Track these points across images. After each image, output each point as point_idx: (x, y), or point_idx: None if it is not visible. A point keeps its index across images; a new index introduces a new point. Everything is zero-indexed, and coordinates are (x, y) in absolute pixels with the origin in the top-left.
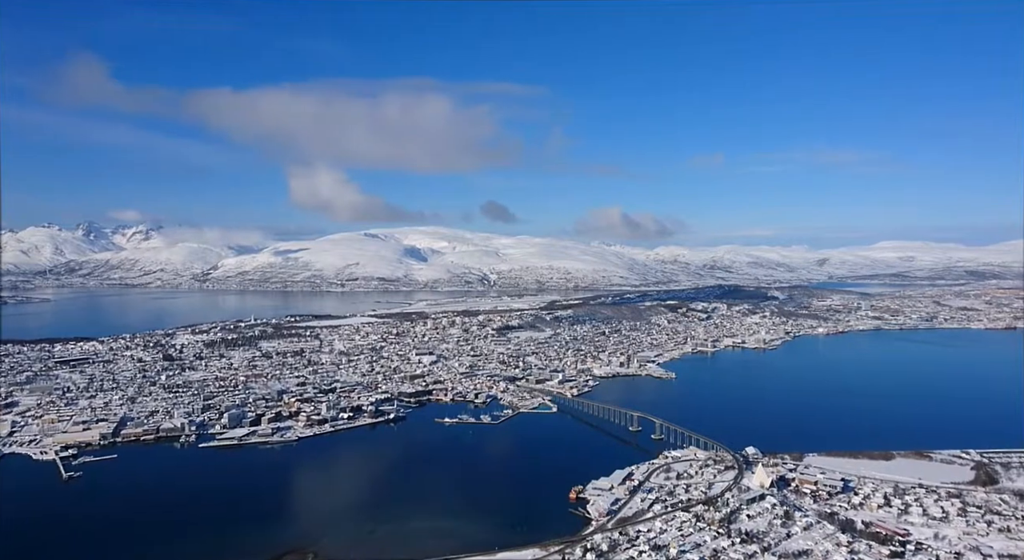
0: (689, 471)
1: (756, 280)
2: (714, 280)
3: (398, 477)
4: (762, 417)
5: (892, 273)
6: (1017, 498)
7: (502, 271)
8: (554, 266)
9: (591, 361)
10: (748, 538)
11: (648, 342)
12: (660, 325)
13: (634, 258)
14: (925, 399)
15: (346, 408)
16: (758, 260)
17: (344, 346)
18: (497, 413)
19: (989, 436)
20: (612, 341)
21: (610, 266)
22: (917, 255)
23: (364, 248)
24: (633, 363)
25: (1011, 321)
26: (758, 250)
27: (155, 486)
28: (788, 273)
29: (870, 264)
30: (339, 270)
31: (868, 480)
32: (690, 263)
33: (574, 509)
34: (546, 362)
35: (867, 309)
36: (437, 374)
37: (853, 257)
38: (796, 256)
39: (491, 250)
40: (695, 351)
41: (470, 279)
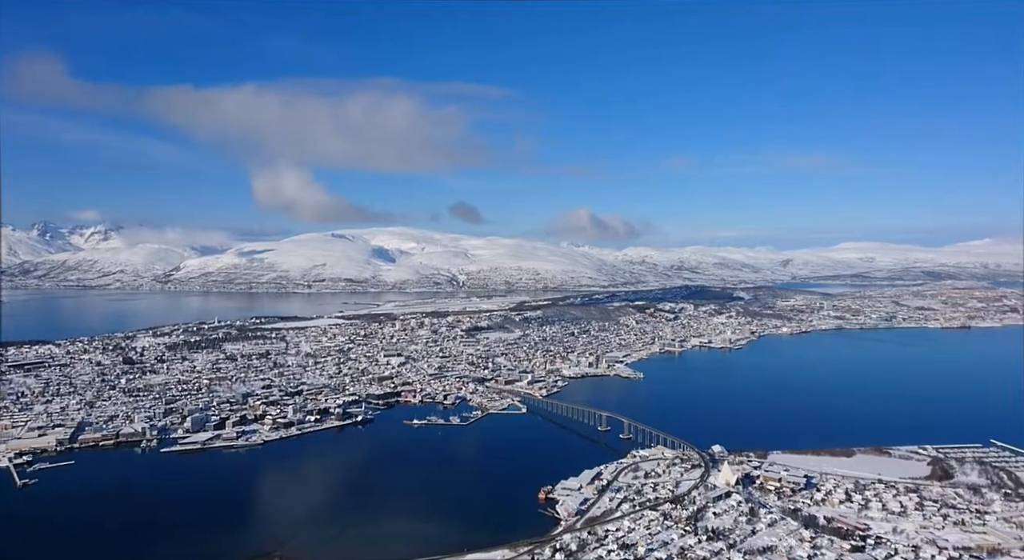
0: (657, 470)
1: (722, 281)
2: (681, 281)
3: (366, 479)
4: (728, 416)
5: (853, 273)
6: (971, 492)
7: (471, 272)
8: (523, 267)
9: (560, 362)
10: (714, 535)
11: (617, 342)
12: (628, 325)
13: (603, 259)
14: (884, 397)
15: (313, 411)
16: (724, 261)
17: (311, 348)
18: (466, 414)
19: (945, 432)
20: (581, 342)
21: (579, 267)
22: (877, 256)
23: (331, 249)
24: (602, 363)
25: (965, 320)
26: (724, 251)
27: (114, 492)
28: (753, 274)
29: (832, 265)
30: (305, 271)
31: (830, 476)
32: (658, 264)
33: (543, 509)
34: (515, 363)
35: (829, 309)
36: (406, 376)
37: (816, 258)
38: (761, 257)
39: (460, 251)
40: (663, 351)
41: (439, 280)
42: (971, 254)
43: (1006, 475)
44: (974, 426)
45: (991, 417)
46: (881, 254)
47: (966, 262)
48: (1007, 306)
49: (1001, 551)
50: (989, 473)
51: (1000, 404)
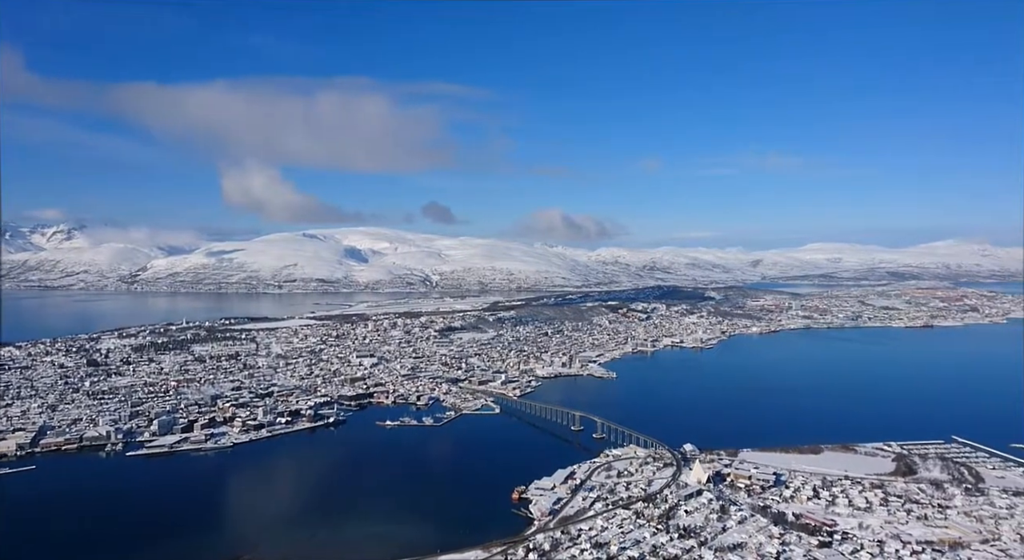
0: (629, 469)
1: (693, 281)
2: (653, 281)
3: (338, 481)
4: (699, 414)
5: (820, 274)
6: (933, 487)
7: (444, 272)
8: (497, 267)
9: (534, 362)
10: (686, 533)
11: (590, 342)
12: (601, 325)
13: (576, 259)
14: (851, 395)
15: (284, 412)
16: (695, 261)
17: (282, 349)
18: (439, 415)
19: (908, 429)
20: (554, 342)
21: (552, 267)
22: (844, 256)
23: (302, 248)
24: (575, 363)
25: (928, 320)
26: (695, 252)
27: (77, 497)
28: (724, 274)
29: (800, 265)
30: (276, 271)
31: (798, 473)
32: (630, 264)
33: (517, 509)
34: (489, 363)
35: (798, 309)
36: (378, 376)
37: (784, 258)
38: (731, 258)
39: (433, 251)
40: (635, 351)
41: (412, 280)
42: (934, 255)
43: (967, 470)
44: (936, 423)
45: (953, 414)
46: (848, 255)
47: (929, 263)
48: (967, 305)
49: (962, 544)
50: (951, 469)
51: (961, 401)
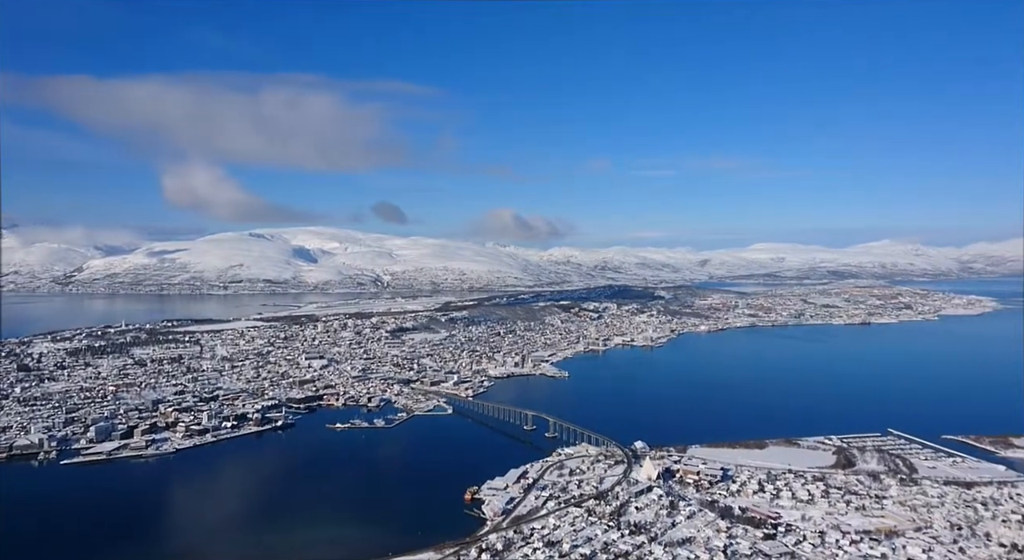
0: (581, 467)
1: (644, 280)
2: (604, 280)
3: (286, 486)
4: (650, 412)
5: (765, 273)
6: (871, 478)
7: (396, 272)
8: (449, 267)
9: (486, 362)
10: (636, 529)
11: (542, 342)
12: (554, 325)
13: (528, 259)
14: (794, 391)
15: (229, 416)
16: (645, 261)
17: (227, 351)
18: (391, 416)
19: (848, 423)
20: (507, 341)
21: (504, 267)
22: (787, 256)
23: (249, 248)
24: (527, 363)
25: (865, 317)
26: (645, 251)
27: (5, 508)
28: (673, 274)
29: (746, 265)
30: (221, 272)
31: (745, 468)
32: (582, 264)
33: (469, 510)
34: (441, 364)
35: (744, 307)
36: (328, 378)
37: (731, 258)
38: (680, 257)
39: (384, 251)
40: (587, 350)
41: (363, 280)
42: (871, 254)
43: (902, 462)
44: (874, 416)
45: (889, 408)
46: (791, 254)
47: (866, 262)
48: (902, 303)
49: (897, 533)
50: (887, 460)
51: (897, 395)
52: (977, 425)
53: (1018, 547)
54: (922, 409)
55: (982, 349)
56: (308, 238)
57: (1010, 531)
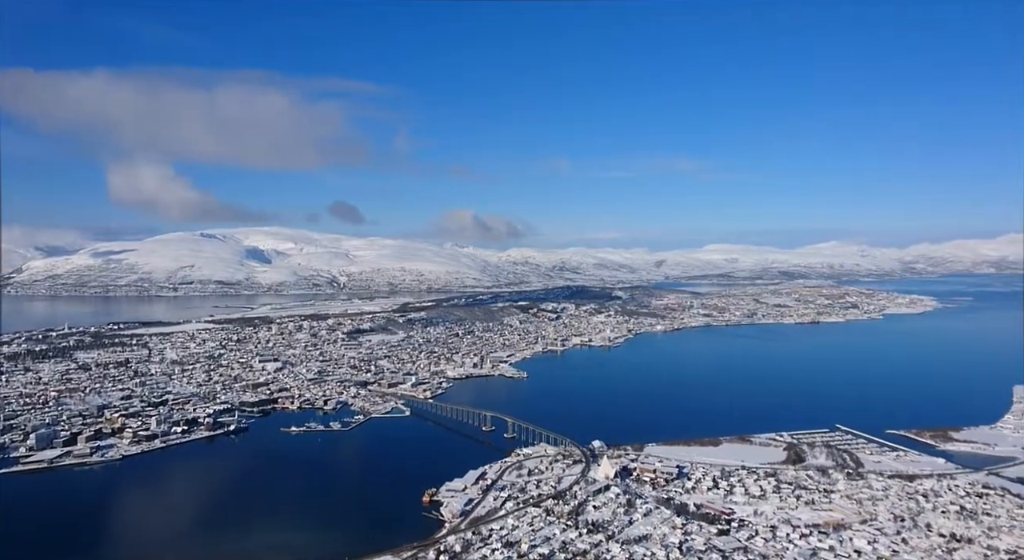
0: (540, 467)
1: (601, 281)
2: (563, 281)
3: (240, 491)
4: (608, 411)
5: (719, 274)
6: (819, 473)
7: (352, 273)
8: (407, 268)
9: (444, 363)
10: (594, 528)
11: (501, 342)
12: (512, 325)
13: (486, 260)
14: (747, 388)
15: (180, 421)
16: (603, 262)
17: (177, 355)
18: (348, 419)
19: (798, 419)
20: (466, 342)
21: (463, 268)
22: (740, 257)
23: (200, 249)
24: (486, 364)
25: (815, 316)
26: (603, 252)
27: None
28: (630, 274)
29: (700, 265)
30: (171, 273)
31: (699, 465)
32: (540, 265)
33: (428, 512)
34: (399, 365)
35: (699, 307)
36: (283, 381)
37: (686, 259)
38: (637, 258)
39: (341, 252)
40: (545, 350)
41: (318, 281)
42: (820, 255)
43: (848, 456)
44: (822, 413)
45: (836, 404)
46: (743, 255)
47: (815, 263)
48: (849, 302)
49: (844, 525)
50: (835, 455)
51: (844, 392)
52: (919, 420)
53: (956, 537)
54: (868, 405)
55: (923, 347)
56: (262, 238)
57: (949, 521)
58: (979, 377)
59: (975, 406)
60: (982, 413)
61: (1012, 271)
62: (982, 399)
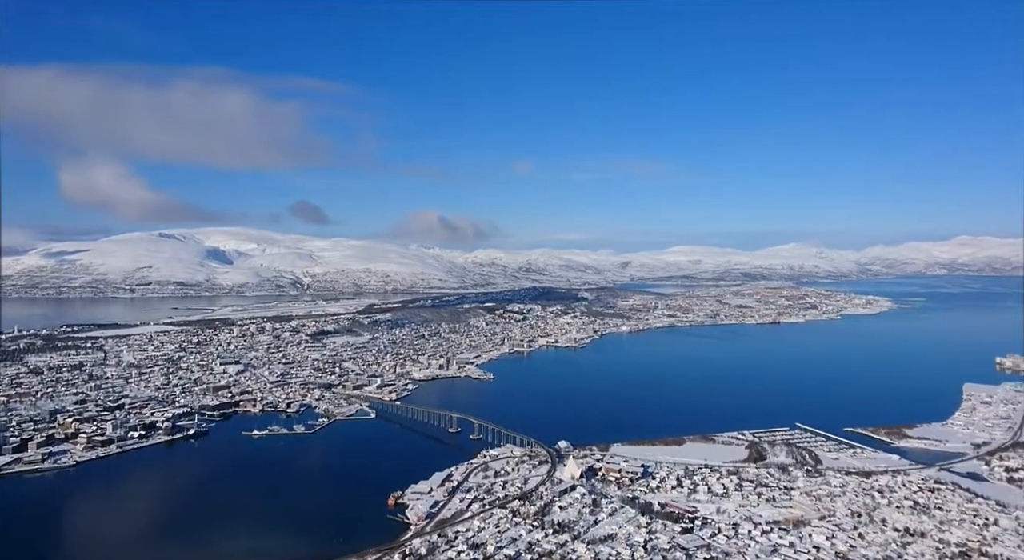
0: (506, 468)
1: (567, 282)
2: (529, 282)
3: (200, 497)
4: (574, 412)
5: (683, 275)
6: (780, 471)
7: (316, 274)
8: (372, 269)
9: (410, 364)
10: (560, 528)
11: (467, 344)
12: (478, 327)
13: (453, 261)
14: (710, 388)
15: (137, 426)
16: (569, 263)
17: (134, 357)
18: (311, 422)
19: (759, 418)
20: (431, 344)
21: (429, 269)
22: (703, 259)
23: (158, 249)
24: (452, 365)
25: (776, 316)
26: (569, 253)
27: None
28: (596, 275)
29: (665, 267)
30: (128, 274)
31: (664, 464)
32: (507, 266)
33: (393, 515)
34: (364, 367)
35: (663, 308)
36: (245, 384)
37: (651, 260)
38: (603, 259)
39: (304, 252)
40: (512, 351)
41: (281, 283)
42: (780, 257)
43: (808, 454)
44: (783, 411)
45: (796, 402)
46: (706, 257)
47: (776, 264)
48: (808, 303)
49: (804, 522)
50: (795, 453)
51: (803, 391)
52: (875, 418)
53: (910, 531)
54: (826, 403)
55: (879, 346)
56: (223, 239)
57: (903, 516)
58: (931, 376)
59: (927, 404)
60: (934, 411)
61: (962, 272)
62: (934, 397)
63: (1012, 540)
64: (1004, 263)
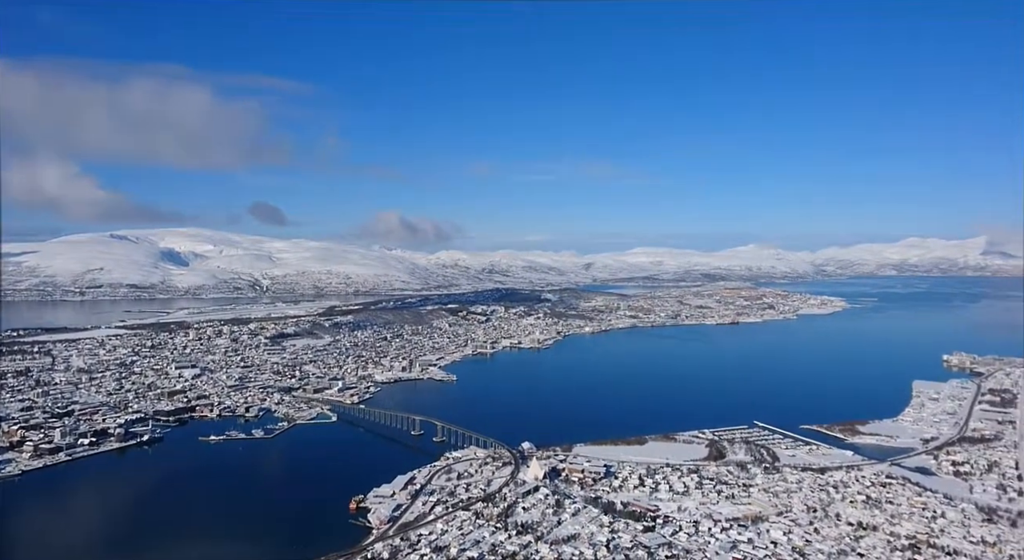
0: (469, 470)
1: (531, 283)
2: (492, 284)
3: (154, 505)
4: (537, 413)
5: (645, 276)
6: (739, 468)
7: (276, 276)
8: (333, 271)
9: (372, 367)
10: (523, 529)
11: (430, 346)
12: (441, 328)
13: (415, 262)
14: (671, 388)
15: (87, 433)
16: (532, 264)
17: (84, 362)
18: (271, 426)
19: (719, 417)
20: (394, 346)
21: (392, 270)
22: (664, 260)
23: (110, 251)
24: (415, 367)
25: (735, 317)
26: (532, 255)
27: None
28: (559, 277)
29: (627, 268)
30: (78, 276)
31: (626, 464)
32: (470, 267)
33: (355, 519)
34: (325, 370)
35: (625, 309)
36: (201, 388)
37: (613, 261)
38: (566, 261)
39: (263, 254)
40: (475, 353)
41: (240, 285)
42: (738, 258)
43: (766, 451)
44: (742, 410)
45: (755, 401)
46: (668, 258)
47: (735, 265)
48: (766, 303)
49: (762, 518)
50: (753, 451)
51: (762, 389)
52: (829, 415)
53: (863, 525)
54: (784, 401)
55: (834, 345)
56: (179, 240)
57: (856, 510)
58: (883, 374)
59: (879, 401)
60: (885, 407)
61: (911, 273)
62: (885, 394)
63: (958, 532)
64: (950, 264)
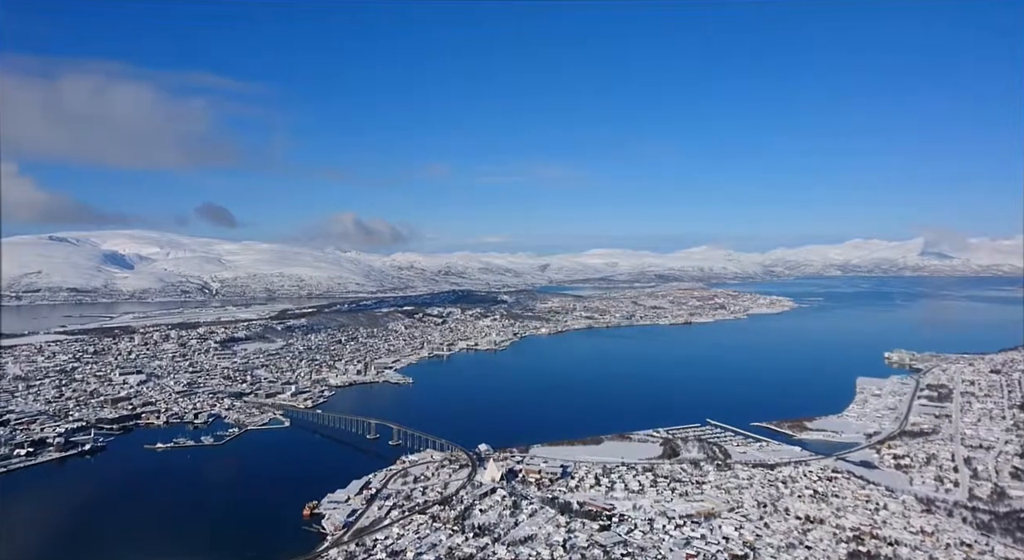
0: (426, 473)
1: (487, 285)
2: (449, 286)
3: (96, 517)
4: (494, 414)
5: (600, 277)
6: (692, 466)
7: (226, 279)
8: (285, 273)
9: (327, 370)
10: (481, 531)
11: (386, 348)
12: (397, 331)
13: (370, 264)
14: (626, 387)
15: (24, 443)
16: (488, 266)
17: (21, 369)
18: (221, 433)
19: (673, 415)
20: (349, 349)
21: (346, 273)
22: (619, 261)
23: (49, 253)
24: (370, 370)
25: (688, 317)
26: (488, 257)
27: None
28: (515, 278)
29: (583, 269)
30: (14, 280)
31: (582, 464)
32: (426, 269)
33: (308, 526)
34: (278, 374)
35: (581, 310)
36: (147, 395)
37: (569, 263)
38: (522, 262)
39: (213, 256)
40: (432, 355)
41: (188, 288)
42: (691, 259)
43: (718, 449)
44: (695, 408)
45: (707, 399)
46: (622, 259)
47: (688, 266)
48: (718, 304)
49: (715, 514)
50: (706, 448)
51: (713, 388)
52: (778, 412)
53: (810, 518)
54: (735, 399)
55: (782, 344)
56: (123, 242)
57: (804, 504)
58: (828, 371)
59: (825, 397)
60: (831, 404)
61: (855, 273)
62: (831, 391)
63: (899, 523)
64: (891, 264)
